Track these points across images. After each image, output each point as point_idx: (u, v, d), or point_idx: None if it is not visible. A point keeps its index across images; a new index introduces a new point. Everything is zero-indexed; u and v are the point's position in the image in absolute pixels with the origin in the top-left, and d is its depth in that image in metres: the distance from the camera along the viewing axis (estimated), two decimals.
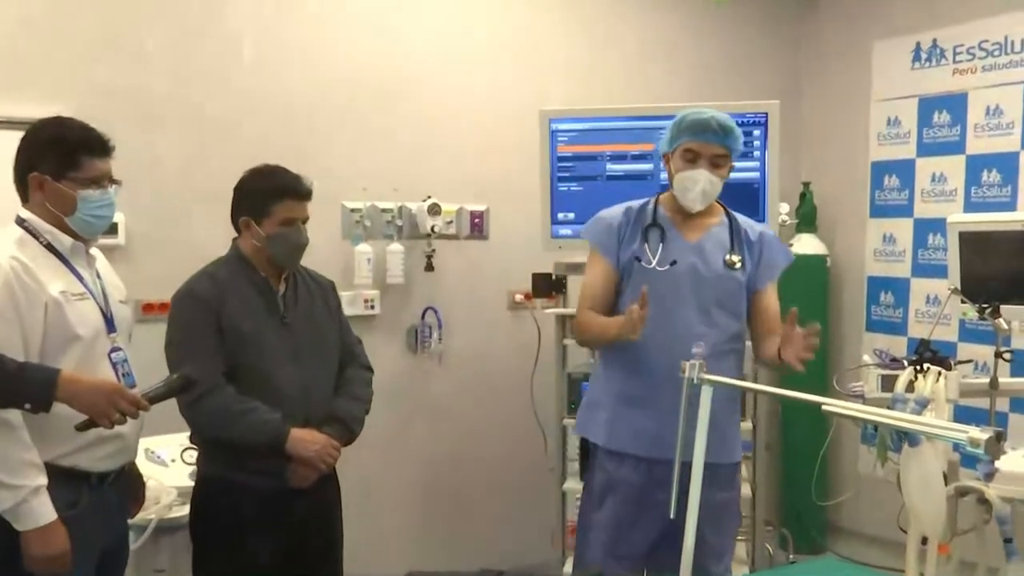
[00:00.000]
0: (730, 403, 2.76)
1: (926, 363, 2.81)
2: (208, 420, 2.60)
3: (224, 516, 2.63)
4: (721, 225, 2.82)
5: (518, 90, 4.25)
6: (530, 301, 4.18)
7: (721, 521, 2.76)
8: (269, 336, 2.66)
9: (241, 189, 2.74)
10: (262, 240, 2.67)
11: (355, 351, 2.92)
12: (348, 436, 2.75)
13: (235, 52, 3.73)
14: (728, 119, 2.71)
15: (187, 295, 2.66)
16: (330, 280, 2.96)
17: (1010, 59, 4.20)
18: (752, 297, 2.79)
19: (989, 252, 3.04)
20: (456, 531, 4.20)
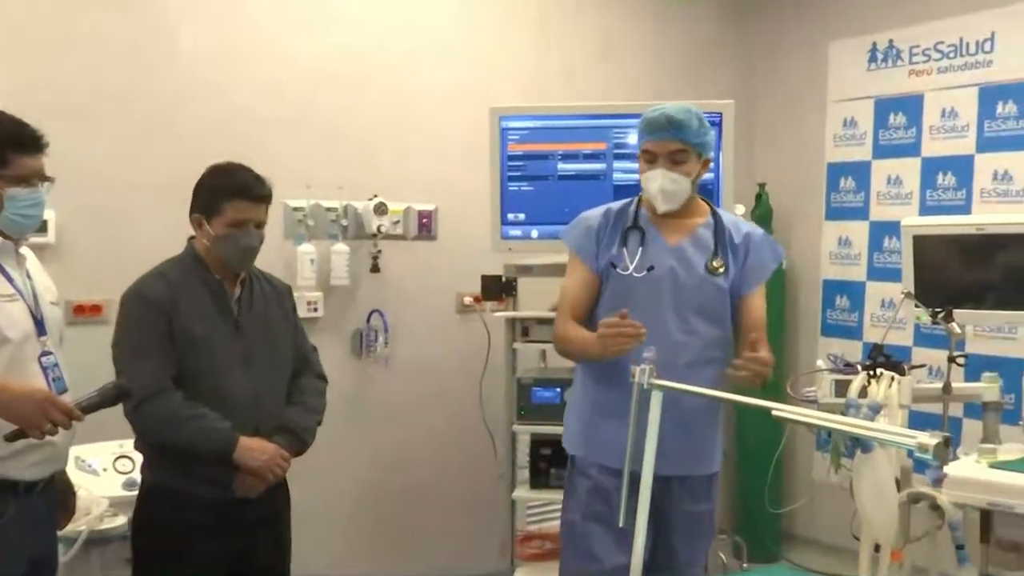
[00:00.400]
0: (708, 414, 2.74)
1: (879, 368, 2.84)
2: (154, 425, 2.58)
3: (168, 526, 2.60)
4: (706, 226, 2.76)
5: (468, 87, 4.25)
6: (479, 304, 4.17)
7: (694, 534, 2.76)
8: (221, 341, 2.64)
9: (198, 186, 2.72)
10: (211, 240, 2.64)
11: (310, 359, 2.90)
12: (298, 447, 2.74)
13: (172, 45, 3.68)
14: (682, 112, 2.65)
15: (137, 295, 2.64)
16: (287, 284, 2.94)
17: (965, 61, 4.27)
18: (736, 302, 2.74)
19: (942, 256, 3.09)
20: (402, 540, 4.18)
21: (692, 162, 2.66)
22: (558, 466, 3.59)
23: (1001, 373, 3.13)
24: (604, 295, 2.74)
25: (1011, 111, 4.12)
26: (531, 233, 3.69)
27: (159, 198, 3.64)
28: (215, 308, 2.66)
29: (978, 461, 2.71)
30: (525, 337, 3.70)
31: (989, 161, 4.18)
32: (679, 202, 2.69)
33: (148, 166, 3.62)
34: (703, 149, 2.69)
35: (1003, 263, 3.01)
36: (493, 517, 3.90)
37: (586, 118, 3.65)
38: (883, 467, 2.67)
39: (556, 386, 3.57)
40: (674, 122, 2.62)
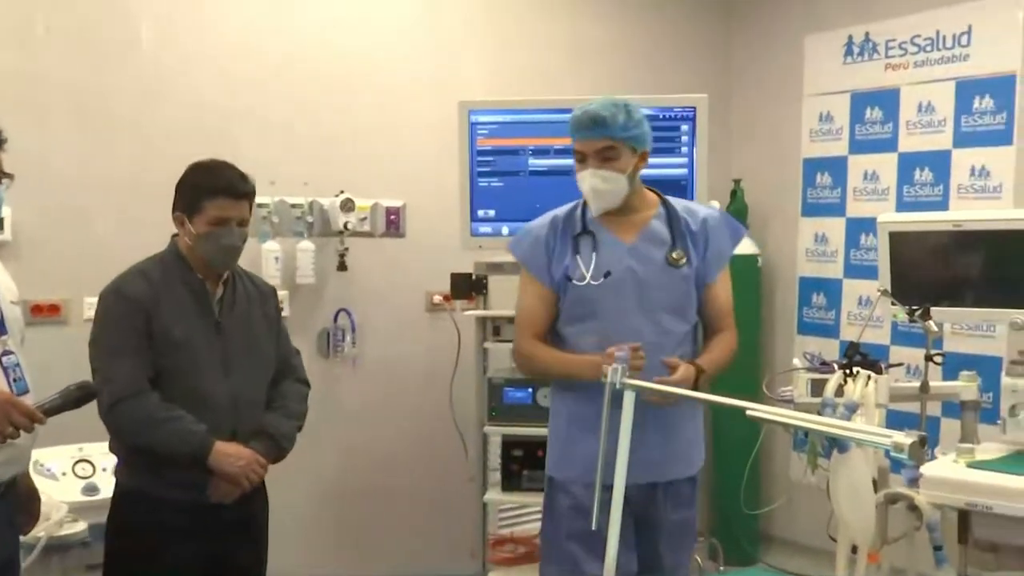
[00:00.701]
0: (690, 414, 2.72)
1: (856, 367, 2.85)
2: (129, 426, 2.56)
3: (142, 529, 2.59)
4: (658, 217, 2.71)
5: (436, 80, 4.23)
6: (449, 303, 4.15)
7: (679, 540, 2.74)
8: (200, 342, 2.61)
9: (180, 183, 2.69)
10: (193, 238, 2.62)
11: (292, 363, 2.89)
12: (276, 453, 2.72)
13: (135, 40, 3.65)
14: (607, 108, 2.58)
15: (116, 292, 2.62)
16: (271, 286, 2.92)
17: (941, 55, 4.29)
18: (701, 292, 2.71)
19: (919, 253, 3.10)
20: (371, 544, 4.17)
21: (625, 158, 2.60)
22: (530, 468, 3.59)
23: (979, 372, 3.15)
24: (564, 306, 2.70)
25: (988, 106, 4.14)
26: (502, 230, 3.68)
27: (120, 196, 3.61)
28: (196, 308, 2.64)
29: (956, 461, 2.72)
30: (496, 336, 3.69)
31: (966, 157, 4.20)
32: (615, 200, 2.65)
33: (109, 163, 3.59)
34: (635, 143, 2.62)
35: (980, 260, 3.02)
36: (464, 520, 3.89)
37: (557, 112, 3.62)
38: (860, 467, 2.68)
39: (528, 386, 3.56)
40: (598, 119, 2.57)
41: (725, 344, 2.74)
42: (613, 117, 2.56)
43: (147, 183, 3.66)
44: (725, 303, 2.74)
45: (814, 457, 3.05)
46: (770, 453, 4.74)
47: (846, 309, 4.63)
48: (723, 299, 2.73)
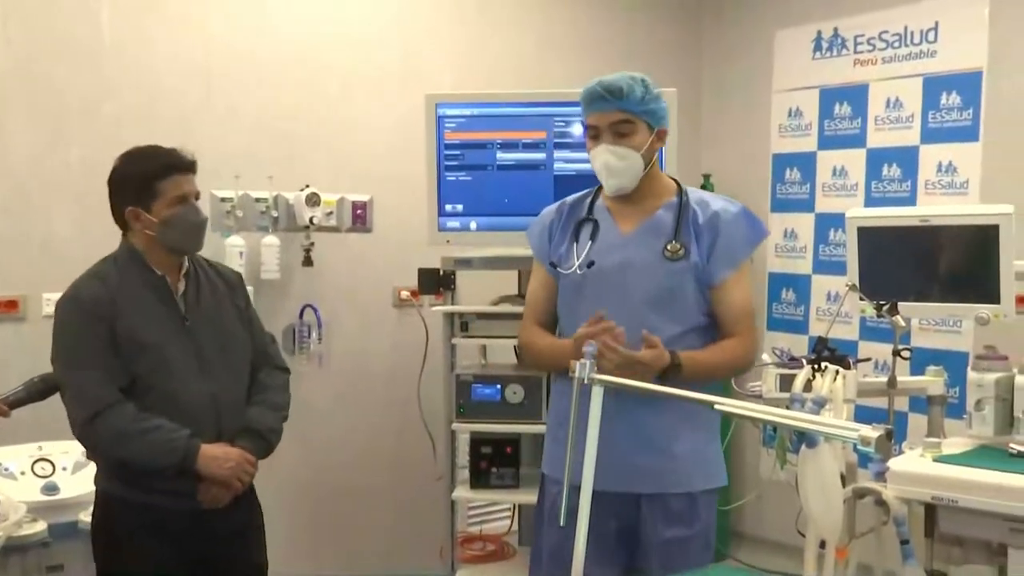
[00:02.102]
0: (680, 424, 2.52)
1: (824, 362, 2.87)
2: (106, 442, 2.49)
3: (129, 535, 2.54)
4: (667, 207, 2.56)
5: (404, 73, 4.23)
6: (416, 298, 4.15)
7: (673, 565, 2.43)
8: (170, 345, 2.53)
9: (117, 178, 2.60)
10: (155, 227, 2.53)
11: (268, 351, 2.83)
12: (264, 449, 2.68)
13: (93, 31, 3.61)
14: (623, 79, 2.45)
15: (72, 301, 2.52)
16: (236, 272, 2.87)
17: (909, 51, 4.34)
18: (709, 293, 2.53)
19: (887, 248, 3.12)
20: (338, 542, 4.15)
21: (641, 134, 2.48)
22: (499, 466, 3.59)
23: (946, 367, 3.17)
24: (559, 295, 2.63)
25: (955, 102, 4.19)
26: (470, 225, 3.67)
27: (77, 189, 3.57)
28: (160, 307, 2.56)
29: (923, 455, 2.74)
30: (464, 332, 3.68)
31: (933, 152, 4.25)
32: (630, 179, 2.51)
33: (66, 156, 3.54)
34: (652, 119, 2.49)
35: (947, 255, 3.05)
36: (432, 518, 3.88)
37: (525, 106, 3.64)
38: (828, 463, 2.69)
39: (496, 383, 3.56)
40: (613, 90, 2.44)
41: (724, 349, 2.55)
42: (630, 88, 2.44)
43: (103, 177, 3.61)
44: (738, 307, 2.55)
45: (783, 453, 3.07)
46: (739, 449, 4.77)
47: (815, 305, 4.68)
48: (736, 303, 2.54)
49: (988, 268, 2.90)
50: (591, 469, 2.14)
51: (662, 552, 2.49)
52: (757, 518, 4.81)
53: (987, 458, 2.71)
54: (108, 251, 3.56)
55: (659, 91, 2.54)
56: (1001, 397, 2.84)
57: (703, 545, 2.55)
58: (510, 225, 3.55)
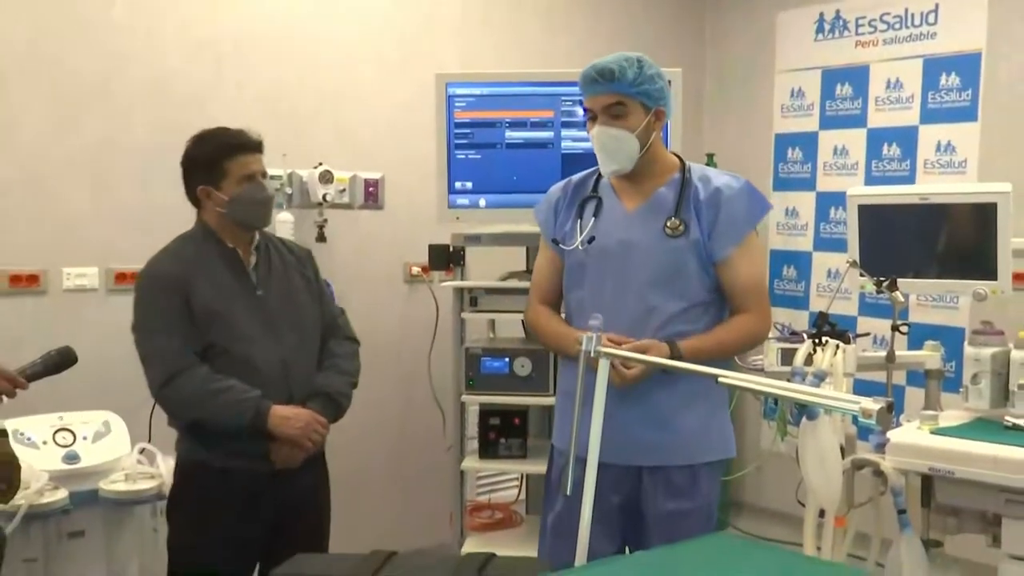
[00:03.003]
0: (682, 398, 2.48)
1: (825, 336, 2.87)
2: (180, 403, 2.55)
3: (206, 503, 2.59)
4: (670, 185, 2.51)
5: (415, 53, 4.20)
6: (427, 274, 4.15)
7: (675, 534, 2.32)
8: (242, 313, 2.60)
9: (188, 159, 2.67)
10: (224, 205, 2.60)
11: (338, 322, 2.87)
12: (335, 412, 2.71)
13: (107, 10, 3.59)
14: (615, 61, 2.41)
15: (148, 276, 2.61)
16: (307, 249, 2.91)
17: (909, 32, 4.31)
18: (715, 268, 2.49)
19: (887, 226, 3.11)
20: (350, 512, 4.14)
21: (635, 115, 2.43)
22: (507, 436, 3.59)
23: (943, 342, 3.18)
24: (565, 272, 2.61)
25: (954, 83, 4.17)
26: (479, 202, 3.66)
27: (92, 166, 3.57)
28: (233, 279, 2.63)
29: (920, 428, 2.74)
30: (473, 307, 3.67)
31: (932, 132, 4.23)
32: (626, 160, 2.47)
33: (80, 134, 3.53)
34: (647, 98, 2.44)
35: (945, 233, 3.03)
36: (442, 487, 3.89)
37: (533, 85, 3.61)
38: (827, 434, 2.70)
39: (505, 356, 3.55)
40: (605, 73, 2.40)
41: (733, 327, 2.51)
42: (622, 71, 2.40)
43: (118, 154, 3.62)
44: (746, 281, 2.49)
45: (783, 425, 3.08)
46: (740, 422, 4.77)
47: (815, 281, 4.67)
48: (743, 277, 2.49)
49: (986, 245, 2.89)
50: (597, 441, 2.14)
51: (663, 525, 2.47)
52: (757, 488, 4.82)
53: (983, 431, 2.71)
54: (125, 227, 3.59)
55: (657, 71, 2.48)
56: (997, 371, 2.83)
57: (704, 518, 2.52)
58: (518, 202, 3.54)
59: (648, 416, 2.47)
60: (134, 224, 3.60)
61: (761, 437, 4.74)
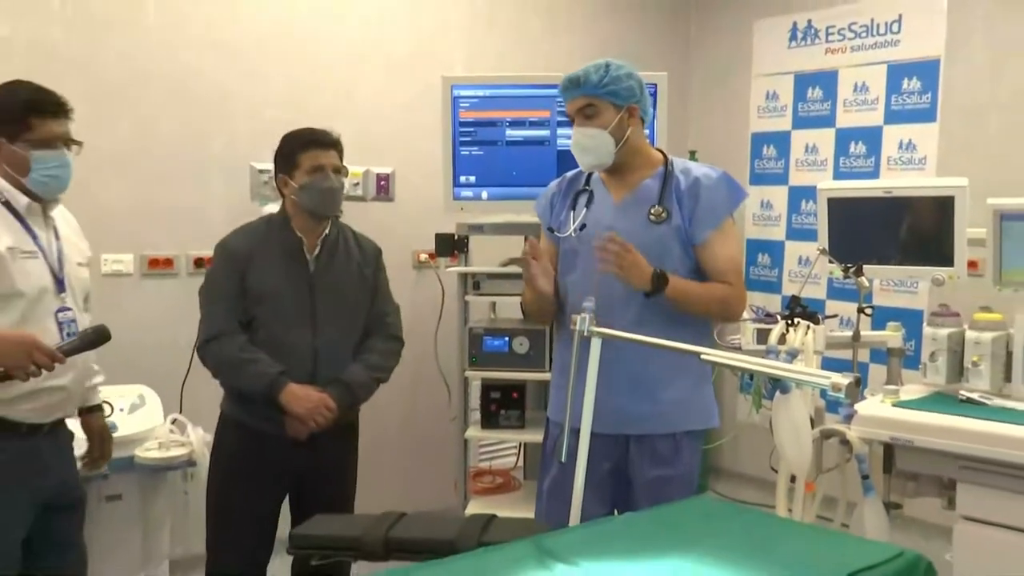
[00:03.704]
0: (665, 371, 2.47)
1: (797, 318, 2.87)
2: (215, 364, 2.64)
3: (237, 452, 2.67)
4: (654, 177, 2.52)
5: (422, 57, 4.19)
6: (434, 260, 4.14)
7: (657, 501, 2.34)
8: (288, 297, 2.64)
9: (276, 154, 2.73)
10: (296, 192, 2.64)
11: (386, 320, 2.87)
12: (350, 400, 2.71)
13: (141, 13, 3.57)
14: (585, 68, 2.43)
15: (221, 246, 2.70)
16: (377, 246, 2.91)
17: (875, 40, 4.30)
18: (695, 253, 2.49)
19: (854, 217, 3.11)
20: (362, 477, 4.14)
21: (606, 114, 2.43)
22: (506, 408, 3.60)
23: (903, 323, 3.19)
24: (559, 258, 2.62)
25: (915, 87, 4.15)
26: (481, 194, 3.66)
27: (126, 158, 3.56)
28: (289, 264, 2.66)
29: (882, 401, 2.74)
30: (476, 290, 3.68)
31: (895, 132, 4.21)
32: (602, 155, 2.46)
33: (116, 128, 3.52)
34: (615, 98, 2.43)
35: (907, 223, 3.03)
36: (447, 455, 3.91)
37: (531, 87, 3.61)
38: (799, 407, 2.71)
39: (505, 335, 3.56)
40: (573, 79, 2.44)
41: (712, 286, 2.48)
42: (587, 75, 2.42)
43: (149, 149, 3.61)
44: (723, 262, 2.48)
45: (758, 398, 3.09)
46: (719, 396, 4.69)
47: (788, 268, 4.66)
48: (720, 258, 2.48)
49: (944, 235, 2.89)
50: (589, 413, 2.14)
51: (648, 489, 2.47)
52: (734, 456, 4.83)
53: (940, 403, 2.71)
54: (156, 214, 3.59)
55: (626, 72, 2.46)
56: (953, 349, 2.84)
57: (686, 484, 2.52)
58: (518, 195, 3.54)
59: (635, 389, 2.47)
60: (164, 215, 3.60)
61: (737, 410, 4.75)
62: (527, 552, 1.78)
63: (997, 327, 2.81)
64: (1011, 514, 2.49)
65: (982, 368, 2.78)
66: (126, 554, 3.13)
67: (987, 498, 2.53)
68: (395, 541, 1.99)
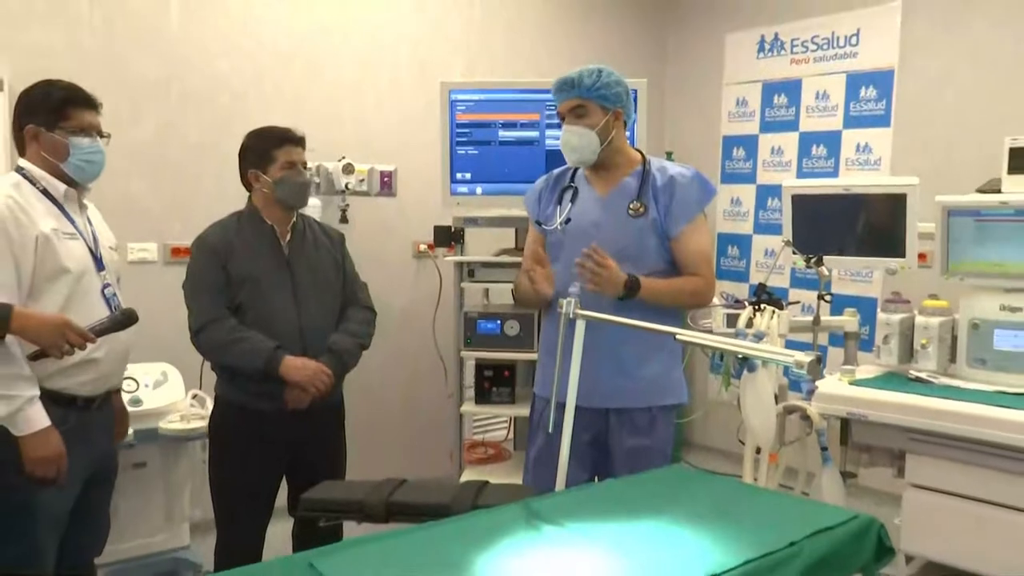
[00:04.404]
0: (641, 351, 2.45)
1: (763, 304, 2.88)
2: (210, 348, 2.57)
3: (233, 432, 2.62)
4: (633, 175, 2.49)
5: (423, 64, 4.17)
6: (432, 250, 4.13)
7: (634, 469, 2.32)
8: (270, 280, 2.59)
9: (244, 149, 2.67)
10: (270, 186, 2.60)
11: (358, 295, 2.84)
12: (341, 367, 2.69)
13: (165, 20, 3.54)
14: (578, 72, 2.41)
15: (199, 242, 2.63)
16: (341, 233, 2.88)
17: (835, 52, 4.30)
18: (671, 245, 2.46)
19: (815, 212, 3.11)
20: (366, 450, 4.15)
21: (595, 115, 2.42)
22: (498, 386, 3.60)
23: (859, 309, 3.20)
24: (547, 248, 2.59)
25: (871, 95, 4.16)
26: (476, 190, 3.64)
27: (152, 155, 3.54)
28: (267, 251, 2.62)
29: (840, 380, 2.76)
30: (471, 278, 3.67)
31: (853, 136, 4.23)
32: (587, 152, 2.44)
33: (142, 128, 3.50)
34: (604, 101, 2.42)
35: (863, 218, 3.03)
36: (444, 428, 3.90)
37: (522, 92, 3.59)
38: (765, 385, 2.72)
39: (497, 319, 3.55)
40: (567, 81, 2.42)
41: (683, 281, 2.46)
42: (580, 78, 2.40)
43: (173, 146, 3.58)
44: (694, 253, 2.46)
45: (727, 378, 3.09)
46: (690, 375, 4.78)
47: (755, 259, 4.67)
48: (692, 248, 2.46)
49: (897, 229, 2.89)
50: (574, 388, 2.15)
51: (626, 458, 2.46)
52: (704, 430, 4.85)
53: (891, 382, 2.73)
54: (179, 208, 3.58)
55: (616, 79, 2.45)
56: (904, 333, 2.85)
57: (661, 453, 2.50)
58: (509, 191, 3.53)
59: (614, 367, 2.46)
60: (186, 207, 3.57)
61: (708, 389, 4.77)
62: (517, 514, 1.78)
63: (944, 313, 2.82)
64: (955, 482, 2.51)
65: (930, 350, 2.80)
66: (150, 515, 3.13)
67: (933, 468, 2.54)
68: (396, 505, 1.98)
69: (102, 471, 2.38)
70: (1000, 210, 2.70)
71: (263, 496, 2.68)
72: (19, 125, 2.22)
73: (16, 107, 2.24)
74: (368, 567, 1.54)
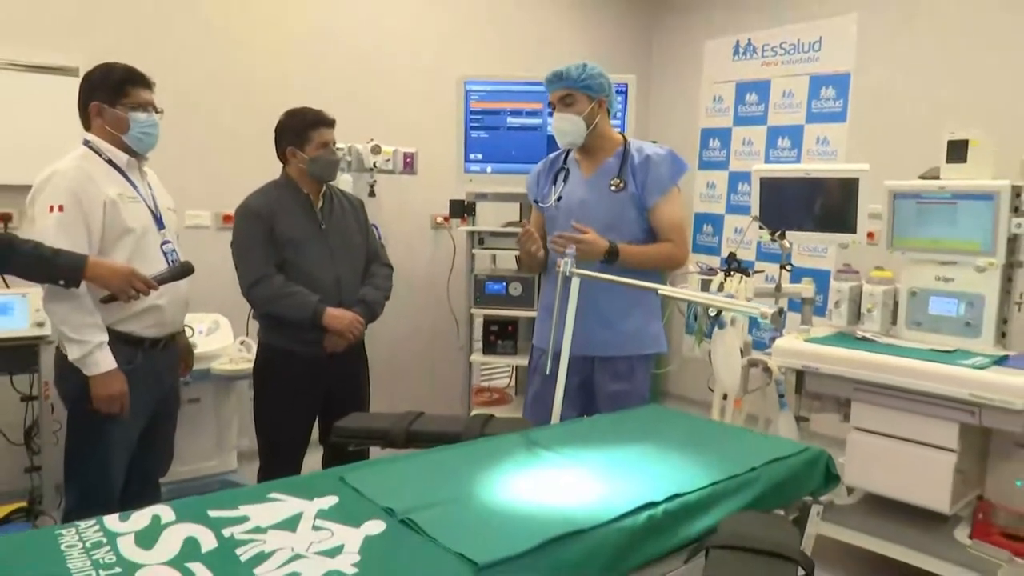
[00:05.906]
0: (622, 307, 2.44)
1: (733, 271, 2.88)
2: (261, 301, 2.57)
3: (276, 373, 2.62)
4: (616, 156, 2.46)
5: (442, 57, 4.14)
6: (448, 222, 4.12)
7: (615, 407, 2.35)
8: (310, 240, 2.59)
9: (282, 127, 2.64)
10: (305, 163, 2.58)
11: (379, 253, 2.84)
12: (371, 315, 2.71)
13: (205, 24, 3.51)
14: (566, 67, 2.38)
15: (243, 208, 2.60)
16: (360, 199, 2.88)
17: (800, 56, 4.26)
18: (647, 216, 2.43)
19: (780, 193, 3.10)
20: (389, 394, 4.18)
21: (581, 103, 2.38)
22: (502, 339, 3.61)
23: (815, 279, 3.22)
24: (545, 223, 2.60)
25: (831, 94, 4.13)
26: (487, 169, 3.63)
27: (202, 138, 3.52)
28: (304, 216, 2.61)
29: (796, 338, 2.77)
30: (481, 245, 3.68)
31: (814, 130, 4.20)
32: (576, 138, 2.42)
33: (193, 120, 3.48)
34: (590, 90, 2.38)
35: (821, 200, 3.03)
36: (455, 375, 3.93)
37: (527, 84, 3.57)
38: (733, 340, 2.73)
39: (503, 281, 3.57)
40: (556, 73, 2.39)
41: (657, 247, 2.43)
42: (568, 71, 2.38)
43: (220, 129, 3.56)
44: (667, 222, 2.42)
45: (700, 336, 3.09)
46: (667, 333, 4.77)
47: (726, 235, 4.67)
48: (665, 219, 2.42)
49: (849, 209, 2.89)
50: (569, 337, 2.16)
51: (609, 400, 2.46)
52: (678, 382, 4.86)
53: (841, 340, 2.74)
54: (221, 186, 3.57)
55: (599, 71, 2.41)
56: (853, 299, 2.86)
57: (639, 396, 2.49)
58: (515, 170, 3.52)
59: (599, 320, 2.46)
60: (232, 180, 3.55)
61: (683, 346, 4.78)
62: (518, 442, 1.80)
63: (887, 283, 2.83)
64: (892, 425, 2.53)
65: (875, 314, 2.80)
66: (203, 444, 3.16)
67: (874, 413, 2.56)
68: (414, 433, 2.00)
69: (166, 405, 2.39)
70: (938, 194, 2.69)
71: (301, 428, 2.69)
72: (84, 103, 2.20)
73: (81, 87, 2.22)
74: (391, 480, 1.56)
